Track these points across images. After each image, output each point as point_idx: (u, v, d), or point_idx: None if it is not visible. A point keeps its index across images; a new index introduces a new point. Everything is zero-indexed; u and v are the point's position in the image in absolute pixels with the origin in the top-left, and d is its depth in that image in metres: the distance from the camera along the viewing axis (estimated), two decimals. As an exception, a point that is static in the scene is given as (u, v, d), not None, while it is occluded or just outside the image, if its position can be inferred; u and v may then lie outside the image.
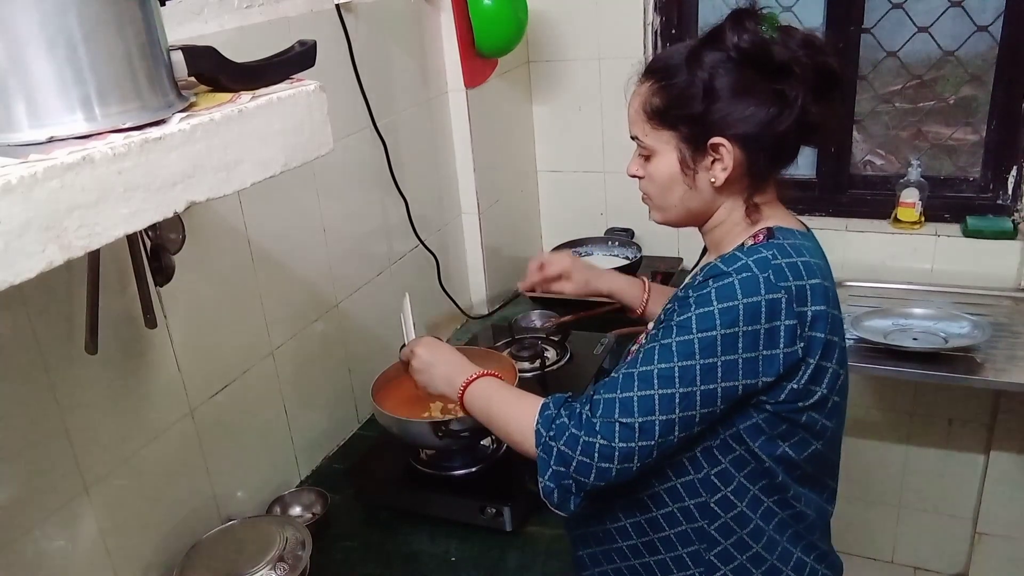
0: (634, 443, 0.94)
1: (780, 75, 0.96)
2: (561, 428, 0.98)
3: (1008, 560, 2.22)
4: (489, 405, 1.11)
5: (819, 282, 0.97)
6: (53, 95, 0.63)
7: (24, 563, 1.01)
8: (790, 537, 1.05)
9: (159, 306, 1.17)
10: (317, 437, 1.59)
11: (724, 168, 1.00)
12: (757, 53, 0.96)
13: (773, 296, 0.93)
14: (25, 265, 0.56)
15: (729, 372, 0.94)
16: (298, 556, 1.16)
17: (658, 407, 0.94)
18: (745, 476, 1.01)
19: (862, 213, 2.18)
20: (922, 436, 2.24)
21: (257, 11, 1.33)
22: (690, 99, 0.99)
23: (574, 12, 2.20)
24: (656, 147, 1.04)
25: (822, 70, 0.97)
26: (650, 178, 1.07)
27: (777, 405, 0.97)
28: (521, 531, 1.33)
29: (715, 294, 0.94)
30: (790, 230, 1.02)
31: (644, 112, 1.04)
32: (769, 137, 0.98)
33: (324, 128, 0.84)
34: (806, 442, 1.01)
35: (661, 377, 0.94)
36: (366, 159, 1.67)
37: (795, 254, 0.97)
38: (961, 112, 2.11)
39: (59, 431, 1.05)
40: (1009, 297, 2.00)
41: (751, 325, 0.92)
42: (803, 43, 0.97)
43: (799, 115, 0.96)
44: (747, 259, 0.95)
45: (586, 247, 2.31)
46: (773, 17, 0.98)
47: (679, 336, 0.95)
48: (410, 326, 1.33)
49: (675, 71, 1.01)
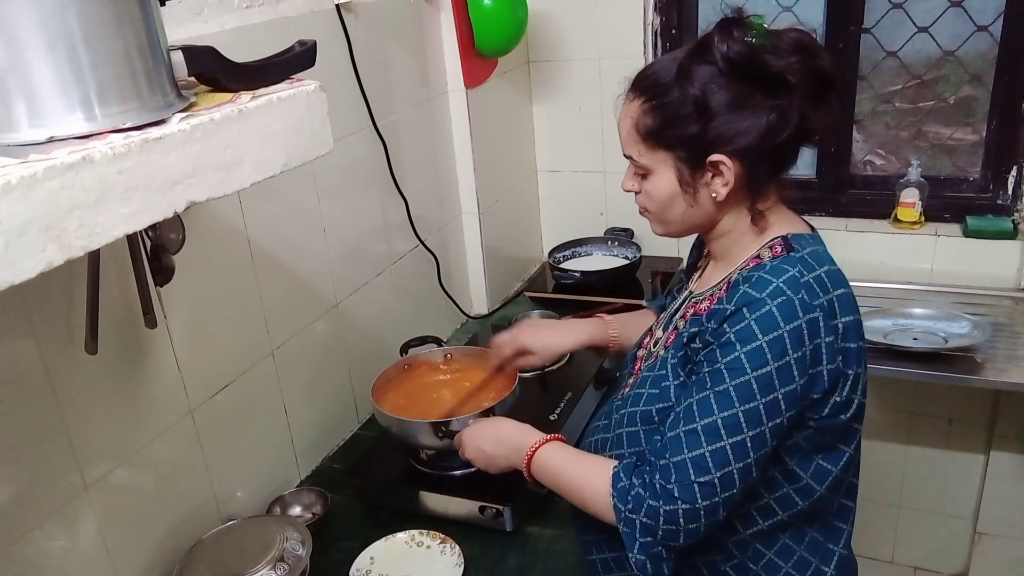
0: (717, 497, 0.92)
1: (775, 86, 0.93)
2: (638, 500, 0.95)
3: (1008, 560, 2.22)
4: (557, 481, 1.08)
5: (845, 291, 0.96)
6: (53, 95, 0.63)
7: (24, 563, 1.01)
8: (808, 545, 1.05)
9: (159, 306, 1.17)
10: (317, 437, 1.59)
11: (725, 183, 0.98)
12: (749, 64, 0.93)
13: (811, 316, 0.91)
14: (25, 265, 0.56)
15: (791, 402, 0.92)
16: (298, 556, 1.16)
17: (732, 457, 0.92)
18: (775, 498, 1.00)
19: (862, 213, 2.18)
20: (922, 436, 2.24)
21: (257, 11, 1.33)
22: (685, 118, 0.96)
23: (574, 12, 2.20)
24: (653, 166, 1.02)
25: (817, 73, 0.95)
26: (648, 195, 1.05)
27: (821, 420, 0.96)
28: (521, 531, 1.33)
29: (757, 326, 0.91)
30: (802, 236, 1.01)
31: (637, 132, 1.01)
32: (769, 147, 0.95)
33: (324, 128, 0.84)
34: (840, 451, 1.01)
35: (727, 427, 0.91)
36: (366, 159, 1.67)
37: (817, 265, 0.95)
38: (961, 112, 2.11)
39: (59, 431, 1.05)
40: (1009, 297, 2.00)
41: (798, 350, 0.91)
42: (794, 48, 0.94)
43: (798, 122, 0.94)
44: (776, 281, 0.92)
45: (586, 247, 2.31)
46: (760, 23, 0.95)
47: (733, 380, 0.92)
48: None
49: (666, 89, 0.98)
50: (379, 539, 1.31)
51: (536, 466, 1.10)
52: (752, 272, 0.95)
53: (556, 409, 1.50)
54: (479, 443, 1.20)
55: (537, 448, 1.10)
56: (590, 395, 1.61)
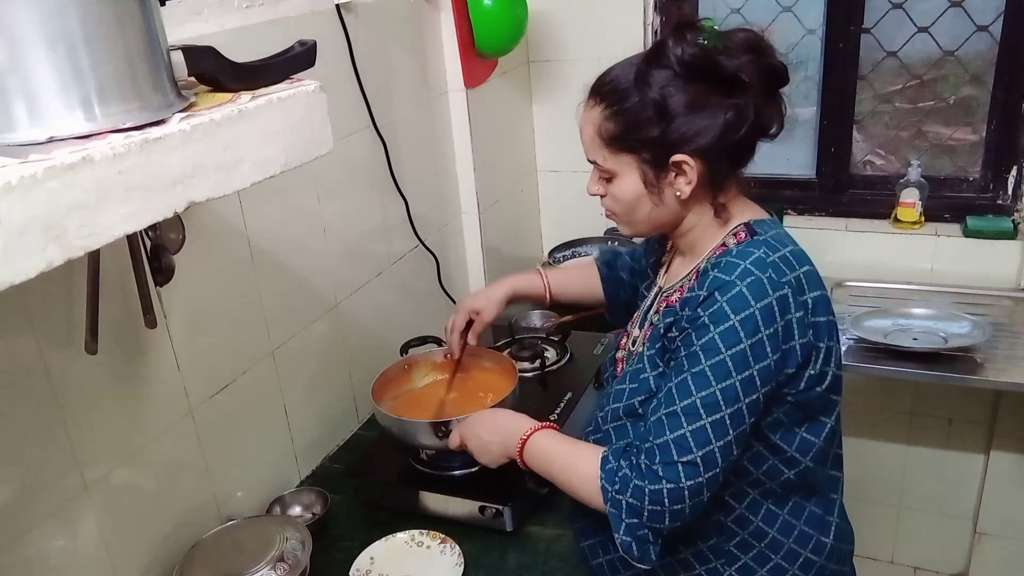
0: (701, 477, 0.95)
1: (730, 85, 0.97)
2: (625, 480, 0.98)
3: (1008, 560, 2.22)
4: (549, 467, 1.10)
5: (810, 268, 1.00)
6: (53, 95, 0.63)
7: (24, 563, 1.01)
8: (807, 519, 1.08)
9: (159, 306, 1.17)
10: (317, 437, 1.59)
11: (688, 182, 1.01)
12: (704, 66, 0.97)
13: (780, 293, 0.95)
14: (25, 265, 0.56)
15: (766, 377, 0.95)
16: (298, 556, 1.16)
17: (712, 435, 0.94)
18: (764, 471, 1.04)
19: (862, 213, 2.18)
20: (922, 436, 2.24)
21: (257, 11, 1.33)
22: (645, 122, 0.99)
23: (574, 12, 2.20)
24: (617, 170, 1.05)
25: (769, 71, 0.99)
26: (614, 198, 1.08)
27: (798, 395, 1.00)
28: (521, 531, 1.33)
29: (728, 307, 0.94)
30: (763, 221, 1.05)
31: (600, 138, 1.04)
32: (728, 144, 0.99)
33: (324, 128, 0.84)
34: (821, 423, 1.04)
35: (706, 406, 0.94)
36: (366, 159, 1.67)
37: (781, 246, 0.99)
38: (961, 112, 2.11)
39: (59, 431, 1.05)
40: (1009, 297, 2.00)
41: (770, 327, 0.94)
42: (746, 47, 0.98)
43: (754, 119, 0.98)
44: (744, 263, 0.96)
45: (586, 247, 2.31)
46: (711, 25, 0.99)
47: (709, 360, 0.95)
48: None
49: (625, 94, 1.00)
50: (379, 539, 1.31)
51: (528, 453, 1.12)
52: (720, 258, 1.00)
53: (556, 409, 1.50)
54: (476, 430, 1.21)
55: (530, 435, 1.12)
56: (590, 395, 1.61)
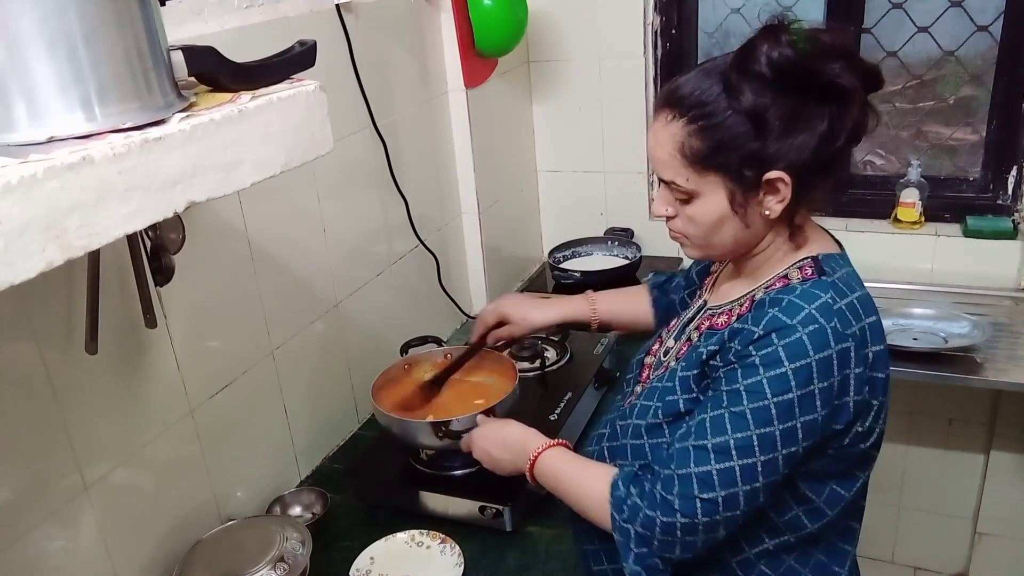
0: (719, 515, 0.90)
1: (826, 93, 0.89)
2: (634, 510, 0.94)
3: (1008, 560, 2.22)
4: (558, 485, 1.08)
5: (876, 319, 0.94)
6: (53, 95, 0.63)
7: (24, 563, 1.01)
8: (814, 567, 1.03)
9: (159, 306, 1.17)
10: (317, 437, 1.59)
11: (780, 200, 0.93)
12: (799, 73, 0.88)
13: (843, 346, 0.88)
14: (25, 265, 0.56)
15: (809, 431, 0.90)
16: (298, 556, 1.16)
17: (740, 479, 0.89)
18: (785, 520, 0.99)
19: (862, 213, 2.17)
20: (922, 436, 2.24)
21: (257, 11, 1.33)
22: (741, 137, 0.90)
23: (574, 12, 2.20)
24: (700, 190, 0.95)
25: (864, 76, 0.91)
26: (691, 220, 0.98)
27: (840, 449, 0.94)
28: (521, 531, 1.33)
29: (784, 352, 0.88)
30: (833, 256, 0.98)
31: (682, 156, 0.93)
32: (823, 157, 0.91)
33: (324, 128, 0.84)
34: (855, 478, 0.99)
35: (739, 448, 0.89)
36: (366, 159, 1.67)
37: (849, 291, 0.92)
38: (961, 112, 2.11)
39: (59, 431, 1.05)
40: (1009, 297, 2.00)
41: (825, 380, 0.88)
42: (839, 51, 0.89)
43: (851, 129, 0.90)
44: (809, 307, 0.89)
45: (586, 247, 2.32)
46: (801, 28, 0.89)
47: (752, 403, 0.89)
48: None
49: (714, 107, 0.91)
50: (379, 539, 1.31)
51: (539, 470, 1.10)
52: (781, 295, 0.92)
53: (556, 409, 1.50)
54: (485, 445, 1.20)
55: (540, 452, 1.10)
56: (590, 395, 1.61)
